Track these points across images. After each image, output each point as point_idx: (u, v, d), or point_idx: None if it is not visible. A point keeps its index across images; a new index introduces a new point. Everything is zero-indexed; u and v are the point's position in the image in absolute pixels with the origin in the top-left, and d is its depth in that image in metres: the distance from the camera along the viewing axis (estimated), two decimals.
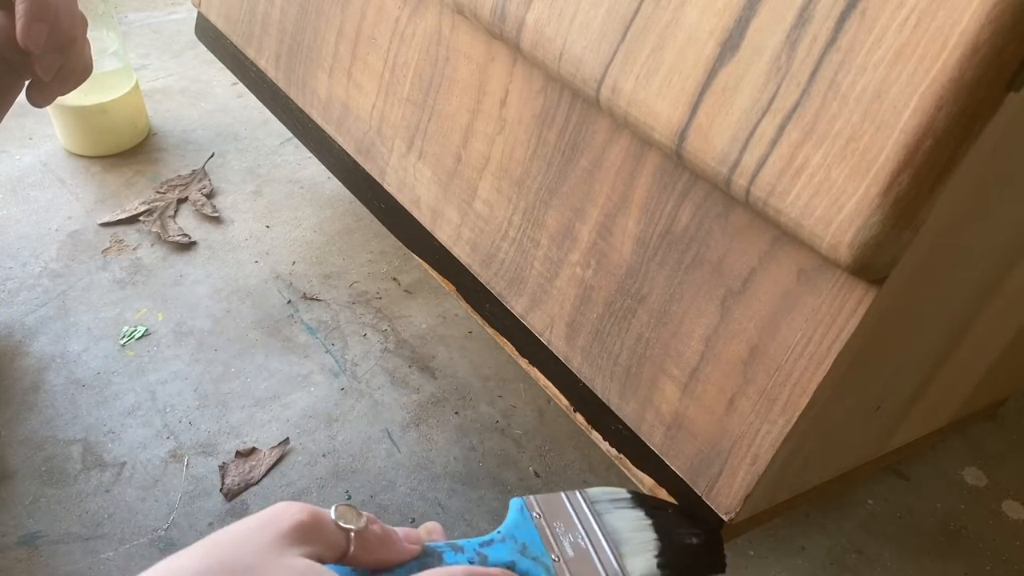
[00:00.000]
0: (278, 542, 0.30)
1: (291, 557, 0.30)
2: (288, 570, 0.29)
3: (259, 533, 0.30)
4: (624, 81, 0.40)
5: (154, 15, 1.32)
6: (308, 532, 0.31)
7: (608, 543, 0.40)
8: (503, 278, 0.56)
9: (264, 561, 0.29)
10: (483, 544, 0.37)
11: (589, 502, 0.42)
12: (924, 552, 0.66)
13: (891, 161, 0.31)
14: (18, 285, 0.80)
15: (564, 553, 0.38)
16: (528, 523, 0.39)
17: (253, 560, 0.29)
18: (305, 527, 0.31)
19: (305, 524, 0.31)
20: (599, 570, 0.39)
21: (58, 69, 0.50)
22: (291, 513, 0.31)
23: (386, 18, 0.60)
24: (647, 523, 0.43)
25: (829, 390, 0.39)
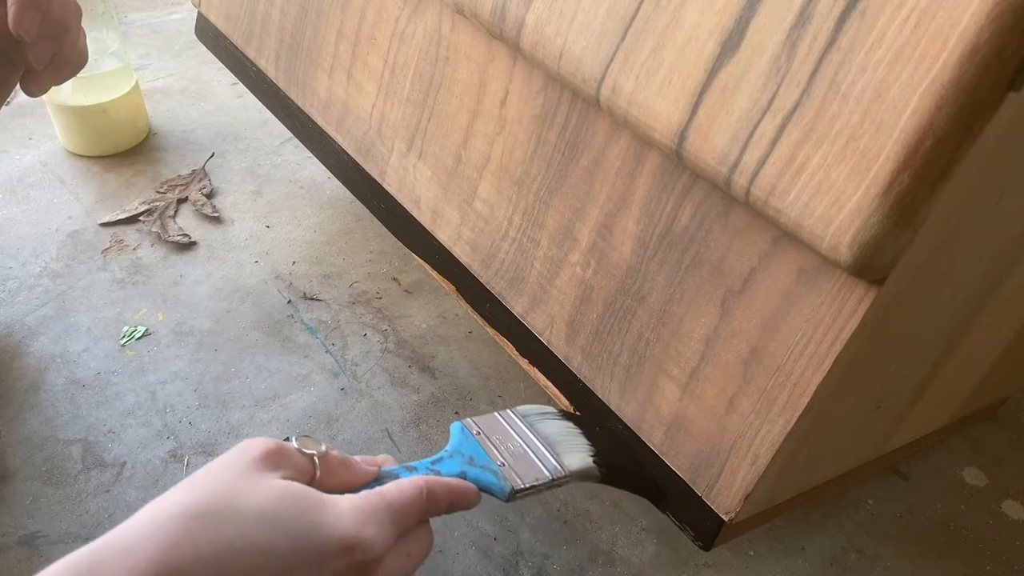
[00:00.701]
0: (252, 469, 0.31)
1: (267, 479, 0.31)
2: (269, 490, 0.31)
3: (233, 464, 0.32)
4: (624, 81, 0.40)
5: (154, 15, 1.32)
6: (277, 458, 0.33)
7: (543, 446, 0.44)
8: (503, 278, 0.56)
9: (244, 485, 0.31)
10: (434, 462, 0.40)
11: (521, 416, 0.46)
12: (924, 552, 0.66)
13: (891, 161, 0.31)
14: (18, 285, 0.80)
15: (507, 458, 0.42)
16: (471, 439, 0.43)
17: (232, 486, 0.30)
18: (273, 454, 0.33)
19: (273, 451, 0.33)
20: (540, 467, 0.43)
21: (52, 58, 0.50)
22: (258, 443, 0.33)
23: (386, 18, 0.60)
24: (577, 431, 0.47)
25: (829, 390, 0.39)
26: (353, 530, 0.31)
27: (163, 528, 0.28)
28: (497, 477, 0.41)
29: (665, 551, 0.64)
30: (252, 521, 0.29)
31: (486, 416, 0.45)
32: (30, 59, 0.49)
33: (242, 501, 0.30)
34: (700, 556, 0.64)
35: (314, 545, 0.30)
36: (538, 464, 0.43)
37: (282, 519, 0.30)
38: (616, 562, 0.63)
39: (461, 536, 0.63)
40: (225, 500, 0.30)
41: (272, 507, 0.30)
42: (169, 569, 0.28)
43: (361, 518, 0.32)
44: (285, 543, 0.30)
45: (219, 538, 0.29)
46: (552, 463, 0.43)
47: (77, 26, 0.51)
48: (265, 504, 0.30)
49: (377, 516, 0.32)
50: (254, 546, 0.29)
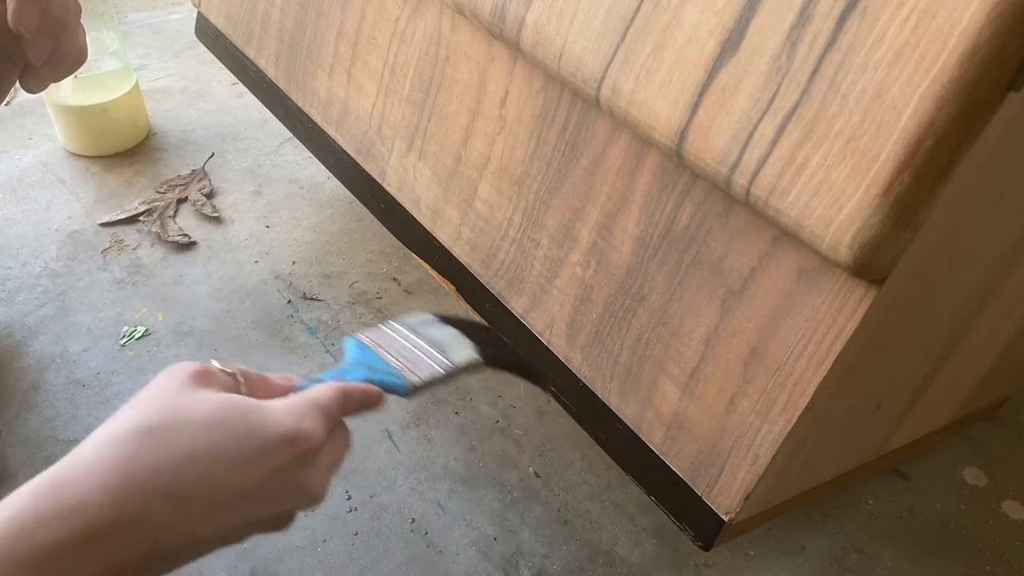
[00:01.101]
0: (187, 385, 0.34)
1: (205, 392, 0.34)
2: (208, 401, 0.33)
3: (169, 384, 0.34)
4: (624, 81, 0.40)
5: (154, 15, 1.32)
6: (206, 376, 0.35)
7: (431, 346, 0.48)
8: (503, 278, 0.56)
9: (185, 400, 0.33)
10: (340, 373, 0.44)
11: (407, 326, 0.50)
12: (924, 552, 0.66)
13: (891, 161, 0.31)
14: (18, 285, 0.80)
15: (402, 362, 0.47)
16: (367, 351, 0.47)
17: (175, 401, 0.33)
18: (201, 373, 0.35)
19: (200, 371, 0.35)
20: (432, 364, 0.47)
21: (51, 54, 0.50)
22: (186, 365, 0.35)
23: (386, 18, 0.60)
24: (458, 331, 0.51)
25: (829, 390, 0.39)
26: (292, 423, 0.34)
27: (119, 444, 0.31)
28: (397, 377, 0.45)
29: (665, 551, 0.64)
30: (200, 428, 0.32)
31: (375, 329, 0.49)
32: (29, 55, 0.49)
33: (187, 413, 0.32)
34: (700, 556, 0.64)
35: (259, 441, 0.33)
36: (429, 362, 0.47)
37: (226, 423, 0.33)
38: (616, 562, 0.63)
39: (461, 536, 0.63)
40: (171, 414, 0.32)
41: (215, 414, 0.33)
42: (130, 478, 0.30)
43: (297, 414, 0.35)
44: (232, 443, 0.32)
45: (172, 447, 0.31)
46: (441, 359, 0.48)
47: (76, 22, 0.51)
48: (209, 413, 0.33)
49: (309, 412, 0.35)
50: (205, 450, 0.32)
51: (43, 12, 0.47)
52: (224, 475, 0.32)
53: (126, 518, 0.30)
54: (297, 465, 0.34)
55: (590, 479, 0.69)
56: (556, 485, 0.68)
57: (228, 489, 0.32)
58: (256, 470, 0.33)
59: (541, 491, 0.67)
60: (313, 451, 0.35)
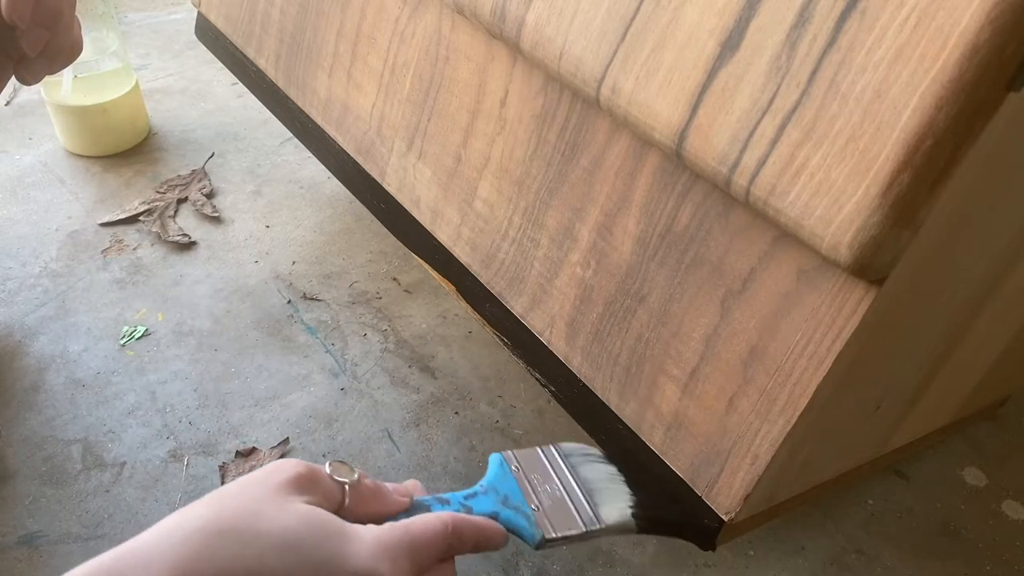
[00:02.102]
0: (279, 491, 0.31)
1: (293, 503, 0.31)
2: (292, 514, 0.31)
3: (261, 484, 0.32)
4: (624, 81, 0.40)
5: (154, 15, 1.32)
6: (306, 483, 0.33)
7: (582, 492, 0.42)
8: (503, 278, 0.56)
9: (268, 508, 0.30)
10: (467, 496, 0.40)
11: (563, 455, 0.45)
12: (924, 552, 0.66)
13: (891, 161, 0.31)
14: (18, 285, 0.80)
15: (542, 502, 0.41)
16: (508, 476, 0.41)
17: (257, 507, 0.30)
18: (303, 479, 0.33)
19: (303, 476, 0.33)
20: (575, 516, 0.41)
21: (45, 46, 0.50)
22: (290, 466, 0.33)
23: (386, 18, 0.60)
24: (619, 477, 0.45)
25: (829, 390, 0.39)
26: (371, 563, 0.31)
27: (184, 542, 0.28)
28: (529, 522, 0.40)
29: (665, 551, 0.64)
30: (273, 545, 0.29)
31: (528, 451, 0.44)
32: (24, 47, 0.49)
33: (265, 523, 0.30)
34: (700, 556, 0.64)
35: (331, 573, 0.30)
36: (574, 513, 0.41)
37: (302, 546, 0.30)
38: (616, 562, 0.63)
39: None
40: (248, 520, 0.30)
41: (294, 533, 0.30)
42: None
43: (380, 552, 0.31)
44: (301, 572, 0.30)
45: (238, 559, 0.29)
46: (588, 513, 0.41)
47: (71, 14, 0.51)
48: (288, 529, 0.30)
49: (396, 551, 0.32)
50: (272, 571, 0.29)
51: (37, 3, 0.47)
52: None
53: None
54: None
55: None
56: None
57: None
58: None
59: None
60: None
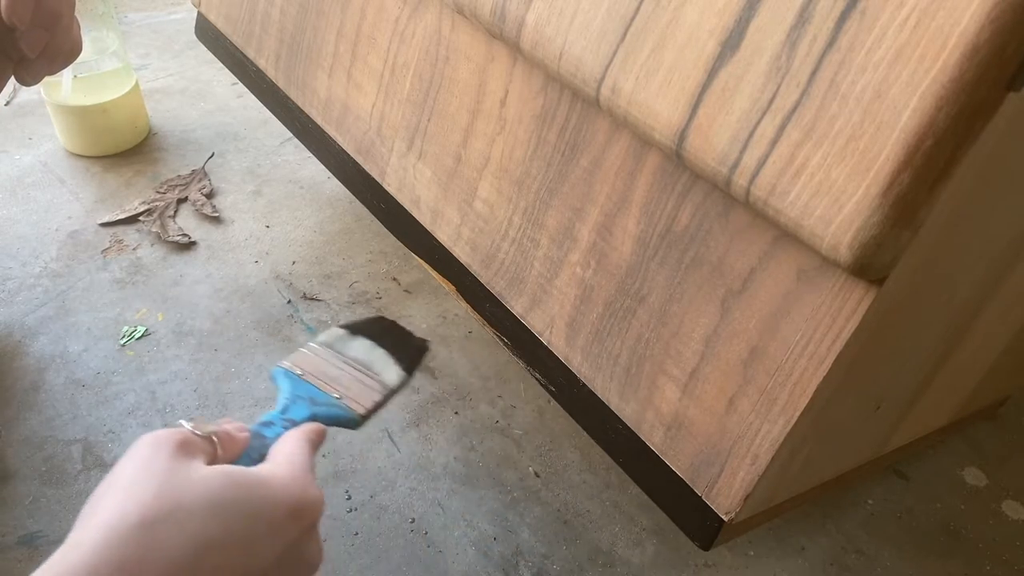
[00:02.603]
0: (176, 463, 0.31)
1: (195, 470, 0.31)
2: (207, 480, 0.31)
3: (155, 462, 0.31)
4: (624, 81, 0.40)
5: (154, 15, 1.32)
6: (189, 447, 0.32)
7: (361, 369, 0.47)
8: (503, 278, 0.56)
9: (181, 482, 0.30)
10: (283, 412, 0.42)
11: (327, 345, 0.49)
12: (924, 552, 0.66)
13: (891, 161, 0.31)
14: (18, 285, 0.80)
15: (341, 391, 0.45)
16: (301, 382, 0.45)
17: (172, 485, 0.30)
18: (184, 444, 0.32)
19: (183, 442, 0.32)
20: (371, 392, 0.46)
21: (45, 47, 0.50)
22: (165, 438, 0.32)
23: (386, 18, 0.60)
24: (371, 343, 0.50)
25: (829, 390, 0.39)
26: (299, 494, 0.32)
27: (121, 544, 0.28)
28: (343, 410, 0.44)
29: (665, 551, 0.64)
30: (209, 514, 0.30)
31: (298, 355, 0.47)
32: (23, 48, 0.49)
33: (191, 496, 0.30)
34: (700, 556, 0.64)
35: (270, 520, 0.31)
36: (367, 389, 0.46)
37: (234, 505, 0.31)
38: (616, 562, 0.63)
39: (461, 536, 0.63)
40: (175, 499, 0.30)
41: (221, 495, 0.30)
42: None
43: (300, 483, 0.33)
44: (242, 527, 0.30)
45: (184, 538, 0.29)
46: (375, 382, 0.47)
47: (70, 14, 0.51)
48: (214, 493, 0.30)
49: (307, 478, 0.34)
50: (217, 539, 0.29)
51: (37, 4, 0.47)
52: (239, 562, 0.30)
53: None
54: (303, 537, 0.33)
55: (590, 479, 0.69)
56: (556, 485, 0.68)
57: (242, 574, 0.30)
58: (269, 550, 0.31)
59: (541, 491, 0.67)
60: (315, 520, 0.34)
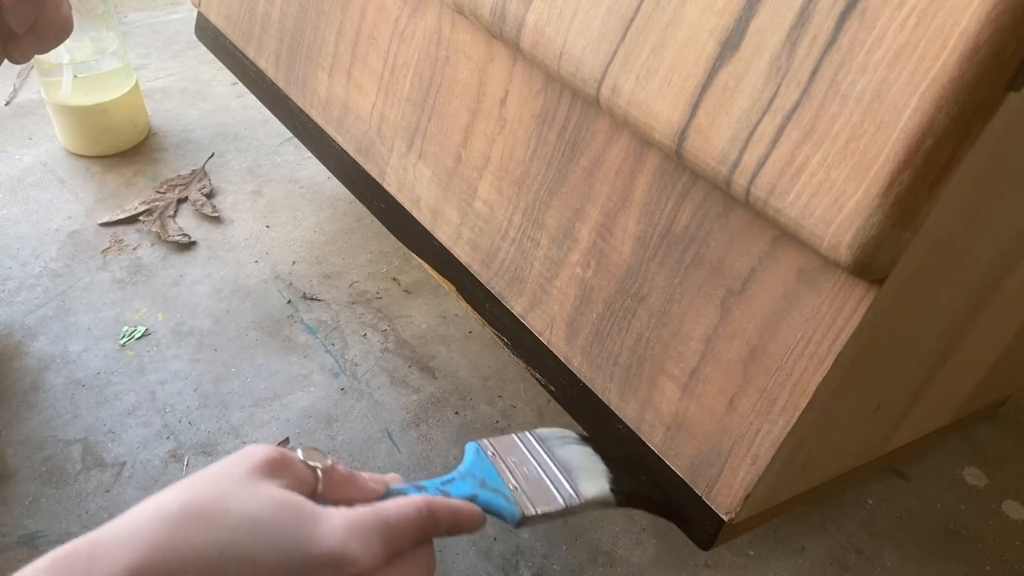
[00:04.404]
0: (251, 475, 0.31)
1: (266, 487, 0.31)
2: (263, 497, 0.31)
3: (232, 468, 0.31)
4: (624, 81, 0.40)
5: (154, 15, 1.32)
6: (278, 467, 0.32)
7: (560, 470, 0.42)
8: (503, 278, 0.56)
9: (240, 491, 0.30)
10: (445, 483, 0.39)
11: (539, 440, 0.45)
12: (924, 552, 0.66)
13: (891, 161, 0.31)
14: (18, 285, 0.80)
15: (520, 483, 0.41)
16: (485, 461, 0.42)
17: (230, 490, 0.30)
18: (275, 463, 0.32)
19: (275, 460, 0.32)
20: (554, 493, 0.41)
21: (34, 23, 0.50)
22: (262, 450, 0.32)
23: (386, 18, 0.60)
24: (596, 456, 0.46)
25: (829, 390, 0.39)
26: (341, 545, 0.31)
27: (157, 525, 0.29)
28: (508, 501, 0.40)
29: (665, 551, 0.64)
30: (244, 528, 0.30)
31: (503, 437, 0.44)
32: (11, 23, 0.48)
33: (237, 507, 0.30)
34: (700, 556, 0.64)
35: (302, 557, 0.30)
36: (552, 490, 0.41)
37: (273, 529, 0.30)
38: (616, 562, 0.63)
39: (461, 536, 0.63)
40: (221, 504, 0.30)
41: (265, 516, 0.30)
42: (157, 565, 0.28)
43: (351, 532, 0.31)
44: (273, 554, 0.30)
45: (210, 542, 0.29)
46: (567, 490, 0.42)
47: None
48: (259, 512, 0.30)
49: (368, 532, 0.32)
50: (243, 554, 0.29)
51: None
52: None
53: None
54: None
55: None
56: None
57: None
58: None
59: None
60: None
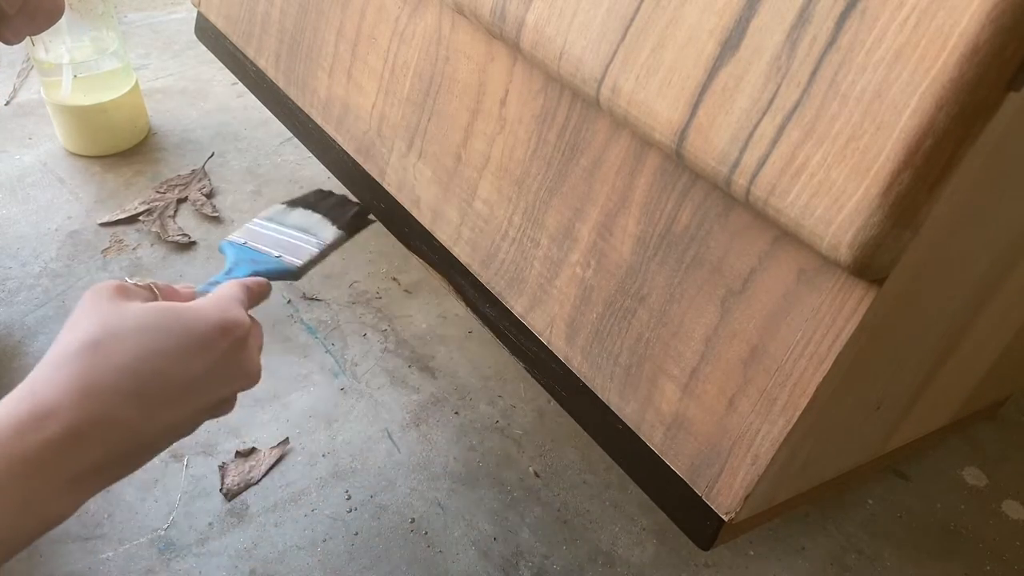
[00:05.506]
0: (115, 300, 0.37)
1: (133, 305, 0.37)
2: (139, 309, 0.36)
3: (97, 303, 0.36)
4: (624, 81, 0.40)
5: (154, 15, 1.32)
6: (126, 291, 0.38)
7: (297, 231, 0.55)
8: (503, 278, 0.56)
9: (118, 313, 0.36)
10: (227, 273, 0.48)
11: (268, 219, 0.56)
12: (924, 552, 0.66)
13: (891, 161, 0.31)
14: (18, 285, 0.80)
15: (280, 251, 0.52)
16: (244, 248, 0.52)
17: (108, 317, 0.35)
18: (122, 289, 0.38)
19: (120, 287, 0.38)
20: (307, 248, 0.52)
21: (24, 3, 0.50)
22: (104, 286, 0.38)
23: (386, 18, 0.60)
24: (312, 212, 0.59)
25: (829, 390, 0.39)
26: (220, 314, 0.38)
27: (73, 359, 0.34)
28: (280, 264, 0.50)
29: (665, 551, 0.64)
30: (144, 333, 0.35)
31: (242, 229, 0.54)
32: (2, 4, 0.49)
33: (127, 322, 0.35)
34: (700, 556, 0.64)
35: (198, 335, 0.37)
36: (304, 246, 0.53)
37: (165, 324, 0.36)
38: (616, 562, 0.63)
39: (461, 536, 0.63)
40: (114, 324, 0.35)
41: (151, 320, 0.36)
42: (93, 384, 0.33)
43: (221, 307, 0.39)
44: (175, 341, 0.36)
45: (124, 351, 0.34)
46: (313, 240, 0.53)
47: None
48: (148, 319, 0.36)
49: (231, 303, 0.40)
50: (153, 351, 0.35)
51: None
52: (175, 369, 0.36)
53: (96, 420, 0.33)
54: (233, 351, 0.39)
55: (590, 479, 0.69)
56: (556, 485, 0.68)
57: (181, 381, 0.36)
58: (200, 361, 0.37)
59: (541, 491, 0.67)
60: (244, 336, 0.39)
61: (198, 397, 0.37)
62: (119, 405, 0.34)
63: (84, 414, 0.32)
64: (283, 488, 0.65)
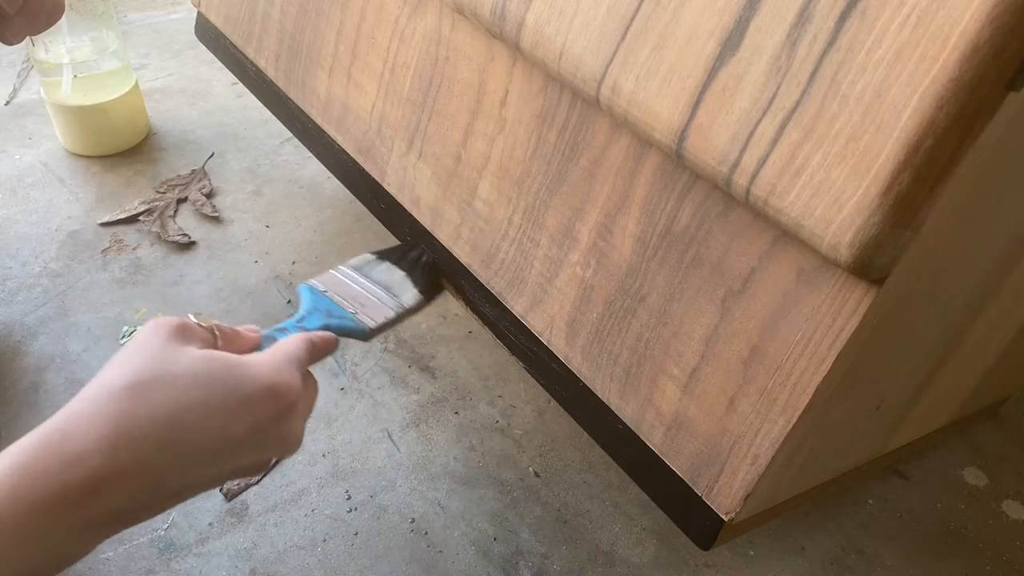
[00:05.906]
0: (170, 342, 0.36)
1: (188, 349, 0.36)
2: (192, 356, 0.35)
3: (152, 341, 0.35)
4: (624, 81, 0.40)
5: (154, 15, 1.32)
6: (187, 332, 0.37)
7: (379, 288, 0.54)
8: (503, 278, 0.56)
9: (171, 356, 0.35)
10: (298, 321, 0.47)
11: (354, 269, 0.55)
12: (924, 552, 0.66)
13: (891, 161, 0.31)
14: (18, 285, 0.80)
15: (357, 307, 0.50)
16: (322, 297, 0.50)
17: (163, 358, 0.35)
18: (182, 329, 0.37)
19: (181, 327, 0.37)
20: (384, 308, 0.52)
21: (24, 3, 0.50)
22: (166, 322, 0.37)
23: (386, 18, 0.60)
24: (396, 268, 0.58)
25: (829, 390, 0.39)
26: (272, 377, 0.37)
27: (113, 400, 0.33)
28: (354, 323, 0.49)
29: (665, 551, 0.64)
30: (190, 383, 0.34)
31: (325, 275, 0.53)
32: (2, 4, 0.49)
33: (176, 368, 0.34)
34: (700, 556, 0.64)
35: (244, 394, 0.35)
36: (381, 305, 0.52)
37: (215, 378, 0.35)
38: (616, 562, 0.63)
39: (461, 536, 0.63)
40: (161, 369, 0.34)
41: (202, 369, 0.35)
42: (127, 432, 0.32)
43: (276, 368, 0.38)
44: (221, 396, 0.35)
45: (166, 399, 0.33)
46: (392, 302, 0.53)
47: None
48: (195, 367, 0.35)
49: (286, 366, 0.38)
50: (197, 402, 0.34)
51: None
52: (215, 425, 0.34)
53: (125, 468, 0.32)
54: (278, 416, 0.37)
55: (590, 479, 0.69)
56: (556, 485, 0.68)
57: (219, 438, 0.35)
58: (243, 420, 0.35)
59: (541, 491, 0.67)
60: (292, 403, 0.38)
61: (232, 458, 0.36)
62: (151, 452, 0.32)
63: (113, 462, 0.32)
64: (283, 488, 0.65)
